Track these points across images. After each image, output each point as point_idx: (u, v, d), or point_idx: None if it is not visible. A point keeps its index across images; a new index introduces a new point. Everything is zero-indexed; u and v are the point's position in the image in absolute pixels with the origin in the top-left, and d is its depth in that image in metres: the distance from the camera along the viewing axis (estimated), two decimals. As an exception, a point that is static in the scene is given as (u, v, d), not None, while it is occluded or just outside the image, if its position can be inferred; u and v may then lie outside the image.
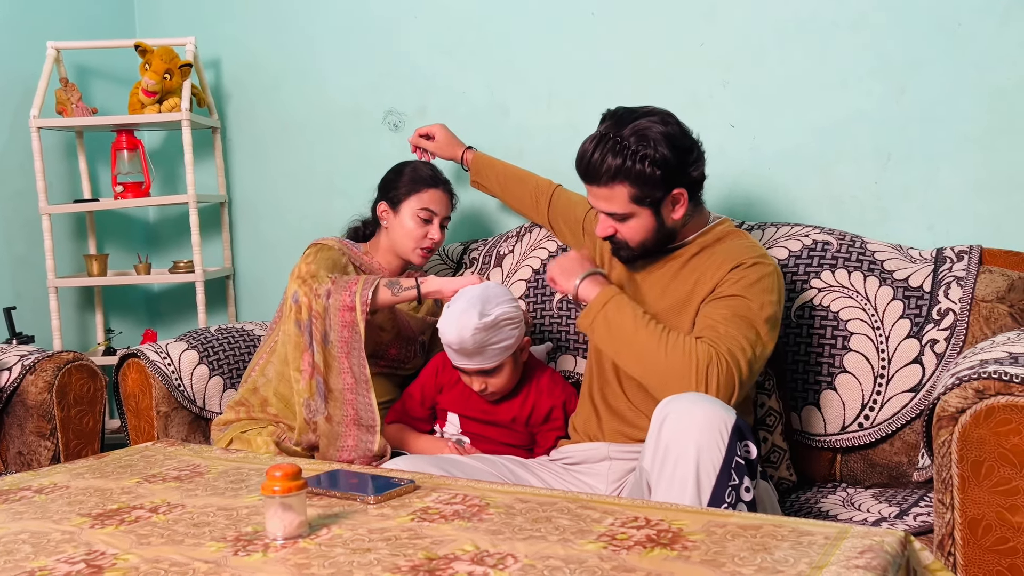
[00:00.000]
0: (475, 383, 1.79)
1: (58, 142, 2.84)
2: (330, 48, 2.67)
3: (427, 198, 2.02)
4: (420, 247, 2.03)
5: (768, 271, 1.61)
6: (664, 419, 1.36)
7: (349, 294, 1.81)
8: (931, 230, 1.97)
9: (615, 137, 1.57)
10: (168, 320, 3.08)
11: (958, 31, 1.90)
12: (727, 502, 1.32)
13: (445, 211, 2.06)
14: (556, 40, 2.34)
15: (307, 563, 1.04)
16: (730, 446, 1.33)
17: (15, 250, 2.72)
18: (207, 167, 2.89)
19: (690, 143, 1.62)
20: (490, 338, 1.71)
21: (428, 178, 2.04)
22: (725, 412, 1.35)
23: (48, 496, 1.38)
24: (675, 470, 1.33)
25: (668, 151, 1.56)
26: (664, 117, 1.60)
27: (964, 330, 1.72)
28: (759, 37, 2.10)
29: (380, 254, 2.09)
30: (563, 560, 1.01)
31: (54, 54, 2.66)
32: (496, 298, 1.75)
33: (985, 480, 1.26)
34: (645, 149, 1.55)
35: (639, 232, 1.64)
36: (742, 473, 1.33)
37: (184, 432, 2.14)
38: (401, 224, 2.03)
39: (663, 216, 1.63)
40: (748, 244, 1.67)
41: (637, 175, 1.56)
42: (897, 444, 1.77)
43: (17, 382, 2.10)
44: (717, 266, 1.62)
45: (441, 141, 2.26)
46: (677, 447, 1.33)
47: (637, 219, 1.62)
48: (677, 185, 1.60)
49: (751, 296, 1.56)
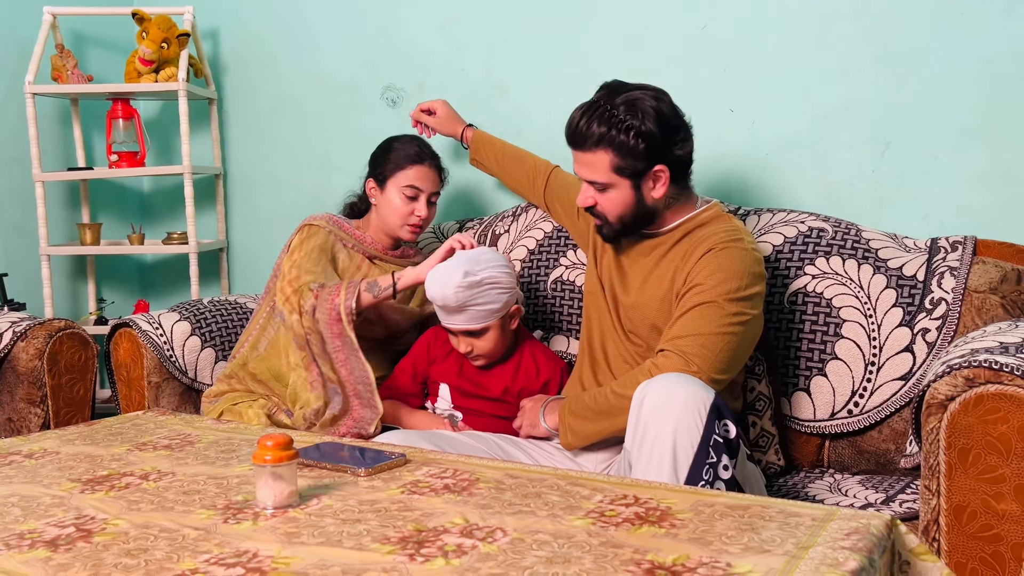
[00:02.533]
0: (461, 344, 1.81)
1: (53, 109, 2.82)
2: (329, 21, 2.65)
3: (413, 175, 2.01)
4: (408, 223, 2.02)
5: (740, 252, 1.59)
6: (643, 399, 1.39)
7: (333, 307, 1.83)
8: (926, 220, 1.97)
9: (605, 105, 1.59)
10: (160, 291, 3.07)
11: (960, 21, 1.90)
12: (704, 479, 1.34)
13: (432, 187, 2.04)
14: (557, 20, 2.33)
15: (297, 532, 1.04)
16: (708, 425, 1.35)
17: (8, 217, 2.71)
18: (203, 139, 2.88)
19: (679, 123, 1.62)
20: (473, 298, 1.74)
21: (414, 155, 2.02)
22: (704, 391, 1.37)
23: (38, 461, 1.38)
24: (653, 448, 1.35)
25: (654, 126, 1.57)
26: (658, 94, 1.62)
27: (956, 320, 1.73)
28: (761, 22, 2.09)
29: (371, 230, 2.08)
30: (552, 535, 1.02)
31: (50, 20, 2.63)
32: (488, 261, 1.78)
33: (972, 467, 1.27)
34: (632, 120, 1.57)
35: (618, 205, 1.65)
36: (720, 451, 1.35)
37: (175, 403, 2.14)
38: (388, 201, 2.02)
39: (643, 192, 1.63)
40: (726, 227, 1.65)
41: (620, 144, 1.58)
42: (885, 431, 1.78)
43: (8, 349, 2.10)
44: (691, 252, 1.63)
45: (442, 117, 2.26)
46: (655, 426, 1.36)
47: (616, 191, 1.63)
48: (659, 161, 1.61)
49: (720, 296, 1.55)
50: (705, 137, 2.16)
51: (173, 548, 1.00)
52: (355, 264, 2.04)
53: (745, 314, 1.56)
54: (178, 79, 2.60)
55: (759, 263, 1.62)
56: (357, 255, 2.05)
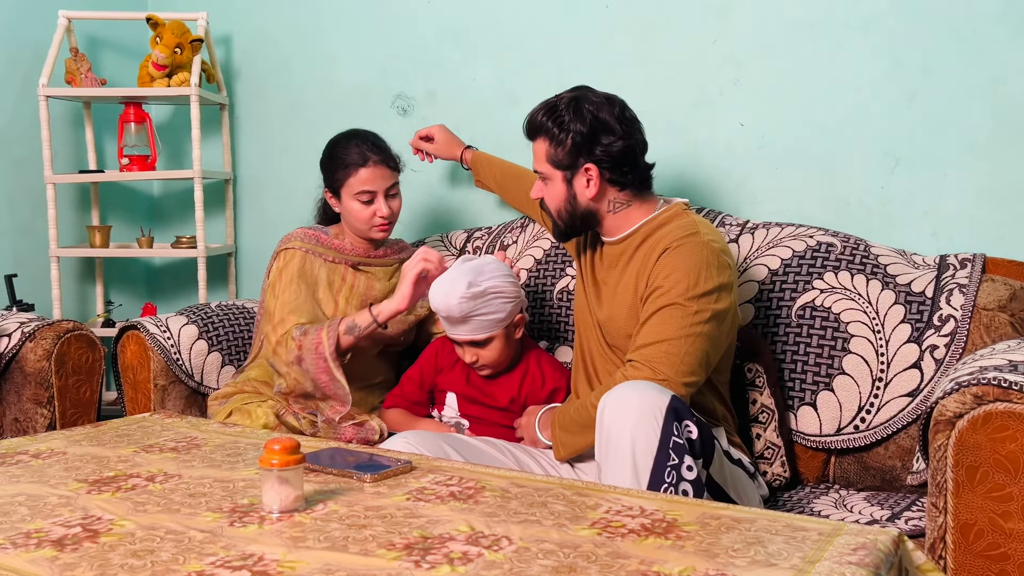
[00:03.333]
0: (467, 354, 1.81)
1: (65, 112, 2.83)
2: (341, 29, 2.67)
3: (362, 178, 1.96)
4: (373, 225, 2.00)
5: (695, 247, 1.58)
6: (603, 409, 1.41)
7: (320, 355, 1.85)
8: (935, 237, 1.97)
9: (555, 102, 1.68)
10: (168, 295, 3.08)
11: (972, 39, 1.90)
12: (667, 482, 1.35)
13: (385, 183, 1.98)
14: (568, 31, 2.34)
15: (302, 536, 1.04)
16: (665, 427, 1.36)
17: (18, 218, 2.72)
18: (214, 144, 2.89)
19: (613, 128, 1.64)
20: (477, 308, 1.74)
21: (356, 158, 1.97)
22: (659, 394, 1.39)
23: (45, 461, 1.38)
24: (616, 455, 1.38)
25: (584, 126, 1.63)
26: (609, 100, 1.67)
27: (964, 337, 1.73)
28: (772, 36, 2.10)
29: (348, 236, 2.07)
30: (557, 544, 1.02)
31: (65, 23, 2.65)
32: (491, 272, 1.78)
33: (979, 485, 1.26)
34: (567, 115, 1.65)
35: (554, 199, 1.71)
36: (682, 452, 1.36)
37: (180, 406, 2.14)
38: (348, 209, 2.00)
39: (575, 188, 1.68)
40: (682, 223, 1.64)
41: (553, 135, 1.67)
42: (892, 448, 1.78)
43: (16, 349, 2.10)
44: (650, 254, 1.63)
45: (440, 142, 2.28)
46: (615, 434, 1.38)
47: (552, 183, 1.70)
48: (586, 159, 1.65)
49: (679, 296, 1.55)
50: (714, 150, 2.18)
51: (179, 550, 1.00)
52: (339, 276, 2.02)
53: (708, 309, 1.55)
54: (190, 84, 2.61)
55: (719, 254, 1.60)
56: (339, 266, 2.03)
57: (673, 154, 2.17)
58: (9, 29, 2.66)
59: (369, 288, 2.04)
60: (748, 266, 1.96)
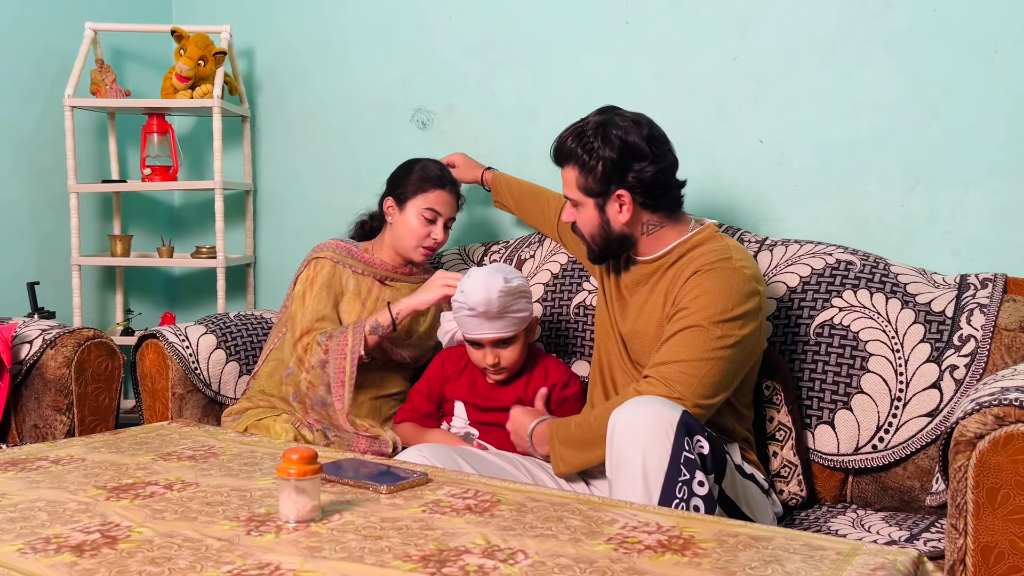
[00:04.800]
0: (488, 356, 1.82)
1: (90, 122, 2.87)
2: (362, 43, 2.69)
3: (433, 198, 2.03)
4: (422, 245, 2.04)
5: (727, 273, 1.58)
6: (614, 425, 1.41)
7: (342, 356, 1.89)
8: (956, 256, 1.96)
9: (582, 126, 1.66)
10: (187, 304, 3.10)
11: (994, 57, 1.89)
12: (679, 497, 1.34)
13: (450, 212, 2.06)
14: (588, 47, 2.35)
15: (319, 546, 1.05)
16: (676, 442, 1.35)
17: (42, 226, 2.75)
18: (235, 155, 2.92)
19: (644, 152, 1.63)
20: (512, 304, 1.78)
21: (436, 178, 2.04)
22: (670, 410, 1.38)
23: (64, 467, 1.39)
24: (628, 471, 1.37)
25: (614, 152, 1.61)
26: (637, 121, 1.65)
27: (985, 358, 1.71)
28: (791, 53, 2.10)
29: (383, 251, 2.10)
30: (573, 559, 1.01)
31: (92, 35, 2.69)
32: (514, 272, 1.83)
33: (1000, 507, 1.25)
34: (595, 142, 1.63)
35: (587, 225, 1.70)
36: (693, 468, 1.35)
37: (198, 415, 2.15)
38: (405, 222, 2.04)
39: (608, 215, 1.67)
40: (715, 247, 1.64)
41: (583, 163, 1.65)
42: (910, 468, 1.76)
43: (37, 356, 2.12)
44: (680, 274, 1.63)
45: (462, 167, 2.31)
46: (626, 450, 1.38)
47: (584, 209, 1.69)
48: (618, 186, 1.63)
49: (705, 319, 1.54)
50: (733, 167, 2.18)
51: (196, 558, 1.01)
52: (366, 288, 2.05)
53: (733, 335, 1.55)
54: (213, 96, 2.64)
55: (750, 280, 1.60)
56: (367, 279, 2.06)
57: (692, 170, 2.15)
58: (37, 40, 2.71)
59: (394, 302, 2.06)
60: (767, 283, 1.96)
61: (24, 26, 2.67)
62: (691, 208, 2.09)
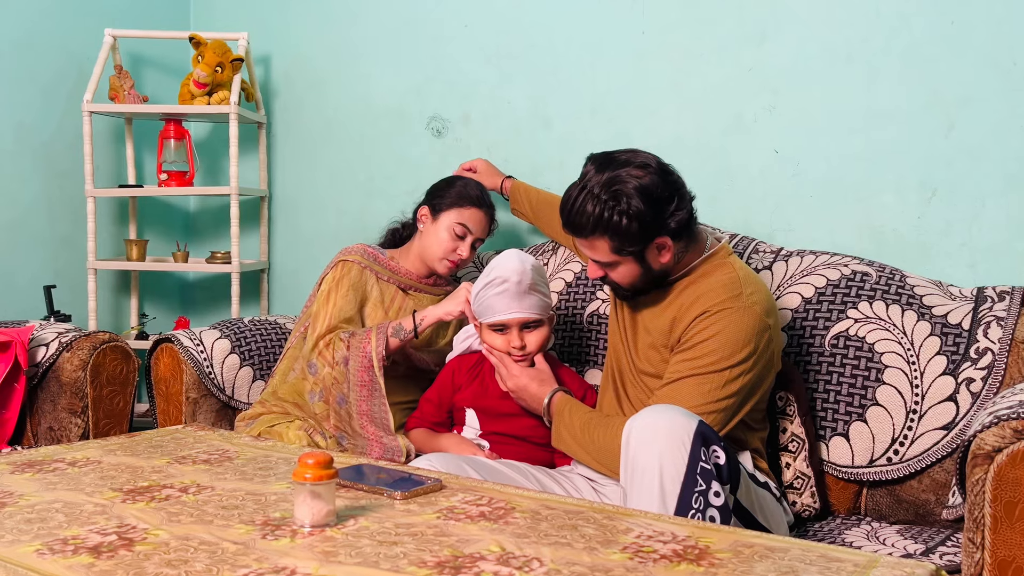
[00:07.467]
0: (515, 338, 1.81)
1: (107, 127, 2.90)
2: (378, 50, 2.71)
3: (468, 215, 2.05)
4: (448, 259, 2.06)
5: (736, 315, 1.57)
6: (630, 434, 1.41)
7: (365, 355, 1.90)
8: (973, 268, 1.95)
9: (591, 189, 1.57)
10: (201, 309, 3.11)
11: (1012, 70, 1.89)
12: (695, 508, 1.34)
13: (481, 232, 2.08)
14: (604, 56, 2.35)
15: (334, 551, 1.05)
16: (693, 453, 1.35)
17: (59, 230, 2.77)
18: (250, 161, 2.93)
19: (669, 192, 1.59)
20: (539, 283, 1.80)
21: (474, 197, 2.07)
22: (687, 419, 1.38)
23: (81, 469, 1.40)
24: (643, 480, 1.37)
25: (643, 205, 1.55)
26: (644, 164, 1.58)
27: (1002, 371, 1.70)
28: (807, 63, 2.09)
29: (409, 259, 2.12)
30: (589, 568, 1.01)
31: (111, 41, 2.72)
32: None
33: (1018, 522, 1.24)
34: (619, 204, 1.55)
35: (626, 277, 1.66)
36: (709, 478, 1.35)
37: (211, 420, 2.16)
38: (436, 232, 2.06)
39: (649, 262, 1.64)
40: (725, 282, 1.63)
41: (614, 229, 1.57)
42: (926, 481, 1.75)
43: (53, 359, 2.14)
44: (689, 307, 1.63)
45: (483, 173, 2.32)
46: (642, 459, 1.37)
47: (623, 266, 1.64)
48: (657, 235, 1.60)
49: (711, 366, 1.55)
50: (749, 177, 2.18)
51: (212, 561, 1.01)
52: (388, 296, 2.07)
53: (741, 378, 1.57)
54: (230, 102, 2.66)
55: (760, 317, 1.59)
56: (391, 287, 2.08)
57: (707, 180, 2.17)
58: (57, 46, 2.74)
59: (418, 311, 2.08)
60: (781, 294, 1.95)
61: (44, 32, 2.70)
62: (706, 218, 2.09)
